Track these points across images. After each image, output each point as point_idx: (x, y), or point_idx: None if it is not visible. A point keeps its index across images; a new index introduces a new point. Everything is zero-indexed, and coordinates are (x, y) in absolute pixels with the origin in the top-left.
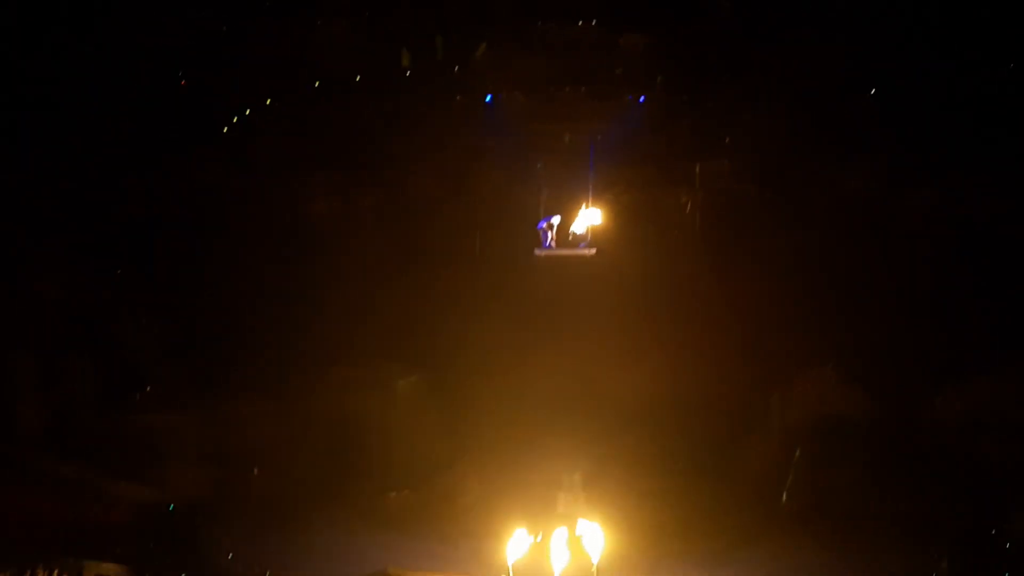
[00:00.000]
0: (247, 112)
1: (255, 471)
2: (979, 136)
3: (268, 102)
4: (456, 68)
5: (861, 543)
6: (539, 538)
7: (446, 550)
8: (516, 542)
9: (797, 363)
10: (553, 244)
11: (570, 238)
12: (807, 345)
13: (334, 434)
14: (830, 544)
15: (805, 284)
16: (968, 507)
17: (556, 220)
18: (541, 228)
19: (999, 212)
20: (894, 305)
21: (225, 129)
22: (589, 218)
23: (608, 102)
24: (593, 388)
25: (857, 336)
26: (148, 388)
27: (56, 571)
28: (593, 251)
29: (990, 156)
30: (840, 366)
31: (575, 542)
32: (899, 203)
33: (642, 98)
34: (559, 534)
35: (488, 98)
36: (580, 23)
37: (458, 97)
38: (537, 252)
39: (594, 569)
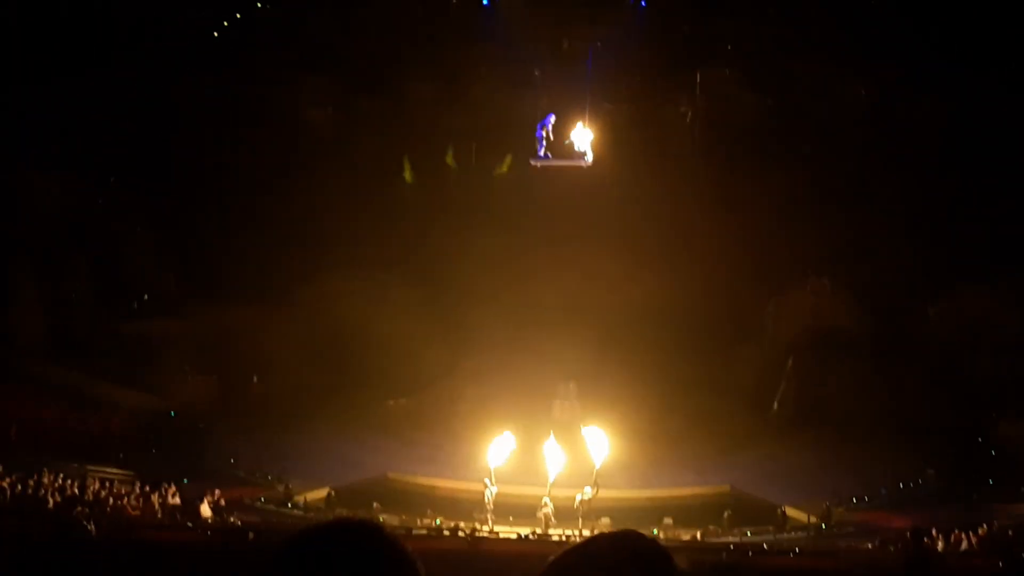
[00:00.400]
0: (241, 17)
1: (255, 378)
2: (983, 49)
3: (260, 5)
4: None
5: (850, 449)
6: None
7: (443, 455)
8: (498, 447)
9: (792, 274)
10: (549, 154)
11: (567, 148)
12: (802, 256)
13: (333, 343)
14: (820, 449)
15: (802, 195)
16: (957, 415)
17: (551, 121)
18: (539, 137)
19: (998, 126)
20: (889, 217)
21: (218, 35)
22: (586, 128)
23: (608, 7)
24: (589, 298)
25: (852, 248)
26: (148, 296)
27: (60, 477)
28: (589, 162)
29: (993, 71)
30: (834, 277)
31: (577, 447)
32: (897, 114)
33: (643, 2)
34: (553, 441)
35: (486, 1)
36: None
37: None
38: (533, 162)
39: (595, 473)
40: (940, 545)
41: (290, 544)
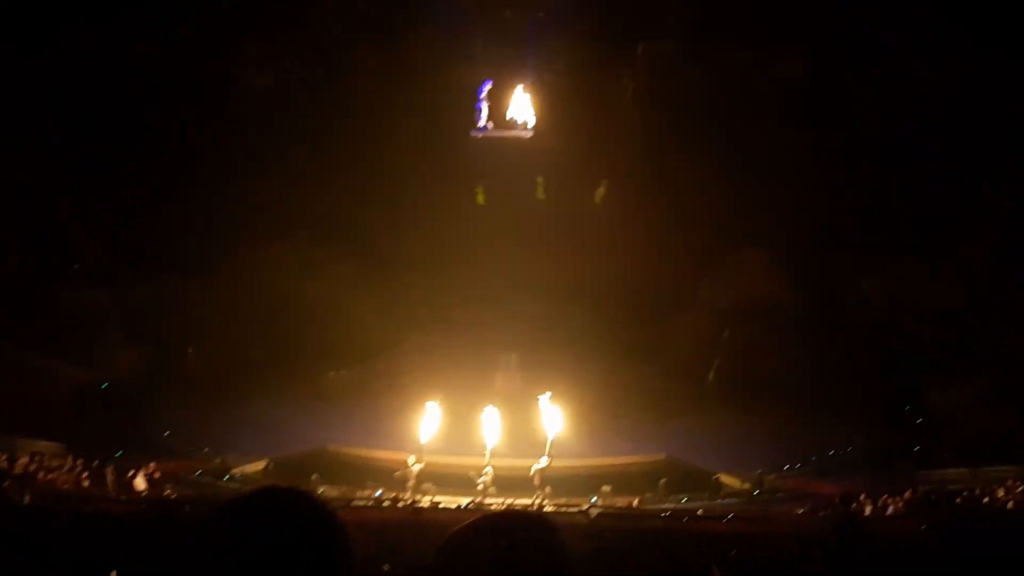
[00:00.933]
0: None
1: (191, 349)
2: (918, 26)
3: None
4: None
5: (783, 417)
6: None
7: (384, 427)
8: (427, 419)
9: (728, 246)
10: (490, 125)
11: (507, 120)
12: (738, 228)
13: (273, 314)
14: (753, 418)
15: (737, 169)
16: (885, 384)
17: (487, 88)
18: (479, 108)
19: (931, 102)
20: (822, 192)
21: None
22: (526, 100)
23: None
24: (531, 271)
25: (785, 221)
26: (80, 266)
27: None
28: (530, 133)
29: (928, 49)
30: (768, 250)
31: (518, 417)
32: (831, 90)
33: None
34: (493, 410)
35: None
36: None
37: None
38: (474, 133)
39: (549, 443)
40: (868, 510)
41: (219, 513)
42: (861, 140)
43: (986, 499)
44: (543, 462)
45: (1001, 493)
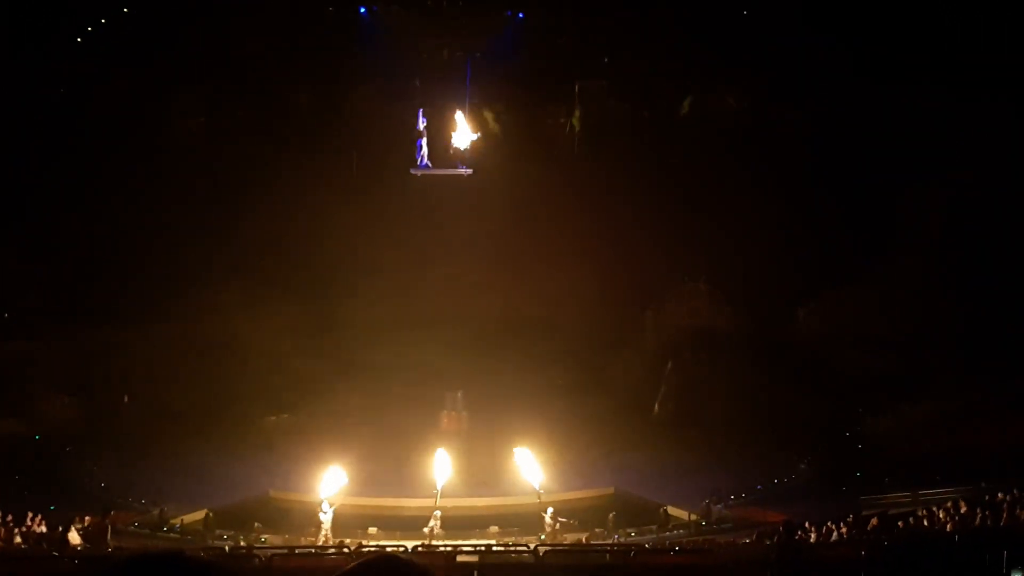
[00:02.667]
0: (107, 22)
1: (126, 398)
2: (848, 58)
3: (127, 9)
4: None
5: (728, 447)
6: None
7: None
8: (330, 480)
9: (668, 280)
10: (429, 163)
11: (447, 157)
12: (678, 261)
13: (208, 359)
14: (699, 449)
15: (676, 202)
16: (826, 411)
17: (422, 121)
18: (419, 146)
19: (863, 130)
20: (760, 223)
21: (83, 40)
22: (466, 137)
23: (486, 18)
24: (472, 308)
25: (724, 252)
26: (9, 315)
27: None
28: (470, 171)
29: (857, 78)
30: (708, 281)
31: (464, 457)
32: (765, 123)
33: (520, 15)
34: (441, 452)
35: (363, 10)
36: None
37: (331, 8)
38: (413, 171)
39: (539, 488)
40: (812, 536)
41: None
42: (796, 172)
43: (926, 522)
44: (549, 513)
45: (942, 515)
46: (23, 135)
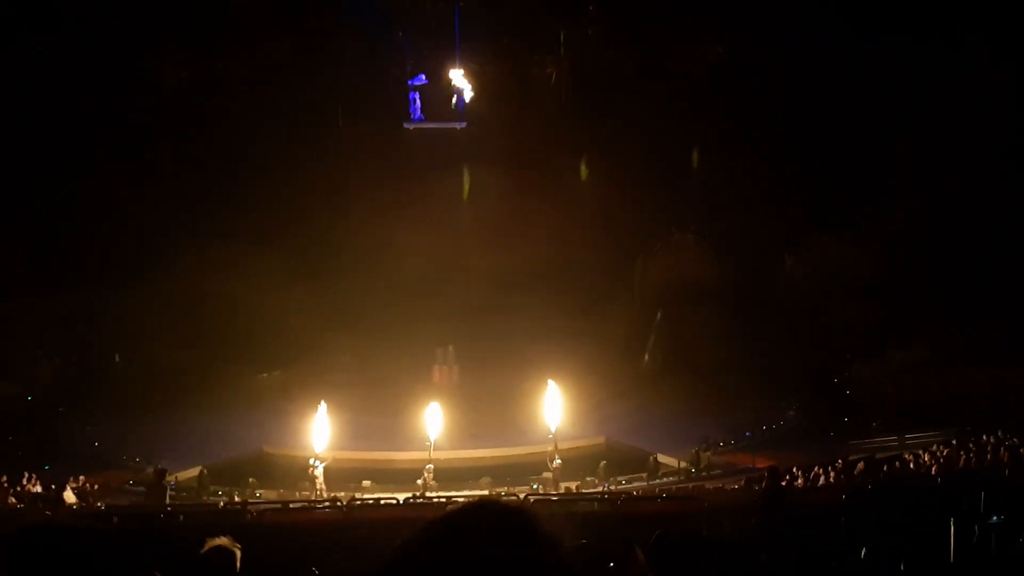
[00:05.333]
0: None
1: (117, 358)
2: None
3: None
4: None
5: (718, 395)
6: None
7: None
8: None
9: (658, 229)
10: (423, 116)
11: (440, 110)
12: (667, 211)
13: (199, 318)
14: (689, 397)
15: (664, 152)
16: (814, 359)
17: (421, 81)
18: (412, 99)
19: (851, 78)
20: (748, 171)
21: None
22: (459, 91)
23: None
24: (463, 262)
25: (713, 202)
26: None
27: None
28: (463, 124)
29: (848, 25)
30: (697, 231)
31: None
32: (754, 69)
33: None
34: (434, 406)
35: None
36: None
37: None
38: (406, 125)
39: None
40: (800, 482)
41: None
42: (788, 121)
43: (912, 465)
44: (556, 462)
45: (927, 458)
46: (9, 98)
